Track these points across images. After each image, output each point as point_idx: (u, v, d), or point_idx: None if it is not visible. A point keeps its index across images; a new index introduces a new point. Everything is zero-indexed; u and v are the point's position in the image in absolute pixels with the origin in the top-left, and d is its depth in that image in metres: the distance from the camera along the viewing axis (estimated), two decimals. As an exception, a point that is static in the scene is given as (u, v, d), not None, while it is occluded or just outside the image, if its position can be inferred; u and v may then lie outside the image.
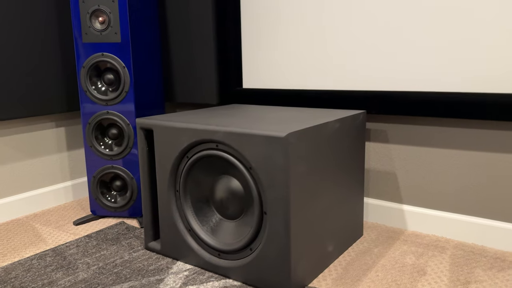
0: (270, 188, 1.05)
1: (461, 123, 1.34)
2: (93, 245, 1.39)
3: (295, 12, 1.54)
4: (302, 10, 1.53)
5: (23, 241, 1.45)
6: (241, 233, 1.16)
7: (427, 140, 1.41)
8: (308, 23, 1.52)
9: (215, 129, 1.12)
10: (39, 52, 1.65)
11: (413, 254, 1.29)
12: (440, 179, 1.40)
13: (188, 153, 1.20)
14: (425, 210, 1.44)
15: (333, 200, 1.22)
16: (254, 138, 1.05)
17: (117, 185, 1.62)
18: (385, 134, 1.48)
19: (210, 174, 1.20)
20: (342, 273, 1.19)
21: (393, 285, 1.12)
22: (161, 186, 1.27)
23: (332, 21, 1.47)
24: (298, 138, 1.04)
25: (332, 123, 1.18)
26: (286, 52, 1.59)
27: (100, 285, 1.14)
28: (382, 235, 1.43)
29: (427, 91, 1.34)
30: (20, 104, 1.61)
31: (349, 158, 1.29)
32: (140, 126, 1.29)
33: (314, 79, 1.54)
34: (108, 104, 1.53)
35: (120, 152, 1.56)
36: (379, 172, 1.51)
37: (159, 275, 1.19)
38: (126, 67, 1.50)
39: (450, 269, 1.20)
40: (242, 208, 1.17)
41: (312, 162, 1.10)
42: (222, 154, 1.12)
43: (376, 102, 1.41)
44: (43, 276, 1.20)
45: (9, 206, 1.65)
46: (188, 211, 1.23)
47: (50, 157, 1.79)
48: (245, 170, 1.09)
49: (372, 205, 1.53)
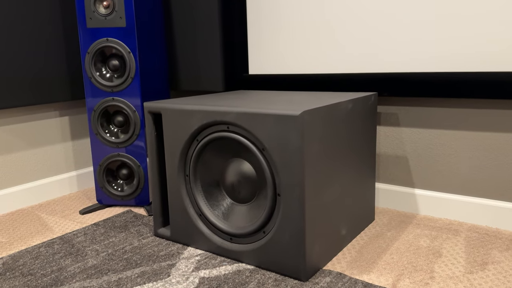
0: (284, 169, 1.02)
1: (473, 104, 1.32)
2: (101, 233, 1.37)
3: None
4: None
5: (29, 230, 1.43)
6: (254, 216, 1.14)
7: (438, 122, 1.38)
8: (315, 7, 1.50)
9: (226, 110, 1.09)
10: (42, 39, 1.62)
11: (427, 237, 1.27)
12: (452, 161, 1.38)
13: (198, 136, 1.18)
14: (437, 193, 1.42)
15: (345, 183, 1.20)
16: (267, 118, 1.03)
17: (123, 174, 1.60)
18: (396, 117, 1.46)
19: (221, 157, 1.18)
20: (357, 256, 1.17)
21: (409, 267, 1.10)
22: (171, 171, 1.25)
23: (339, 3, 1.44)
24: (313, 117, 1.02)
25: (345, 103, 1.16)
26: (294, 36, 1.57)
27: (111, 271, 1.12)
28: (394, 219, 1.41)
29: (440, 71, 1.31)
30: (23, 92, 1.58)
31: (362, 141, 1.27)
32: (148, 110, 1.27)
33: (322, 63, 1.52)
34: (113, 91, 1.51)
35: (126, 140, 1.54)
36: (389, 157, 1.49)
37: (170, 260, 1.17)
38: (132, 52, 1.47)
39: (466, 251, 1.18)
40: (254, 192, 1.15)
41: (326, 142, 1.08)
42: (234, 136, 1.10)
43: (388, 84, 1.39)
44: (52, 263, 1.17)
45: (14, 196, 1.63)
46: (199, 196, 1.21)
47: (55, 147, 1.76)
48: (257, 152, 1.07)
49: (383, 190, 1.51)
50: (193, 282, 1.05)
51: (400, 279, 1.05)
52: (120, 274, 1.10)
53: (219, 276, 1.08)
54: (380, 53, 1.40)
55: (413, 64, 1.36)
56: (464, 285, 1.01)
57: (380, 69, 1.41)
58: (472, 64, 1.27)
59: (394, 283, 1.03)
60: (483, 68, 1.25)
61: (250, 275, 1.08)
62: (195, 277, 1.07)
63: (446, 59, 1.30)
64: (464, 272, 1.07)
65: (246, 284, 1.04)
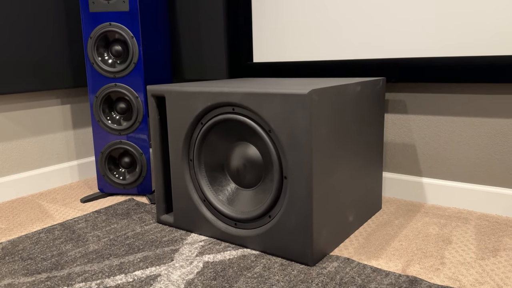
0: (291, 151, 1.00)
1: (483, 89, 1.29)
2: (103, 220, 1.34)
3: (309, -20, 1.49)
4: (316, -23, 1.48)
5: (30, 217, 1.40)
6: (259, 201, 1.11)
7: (447, 108, 1.36)
8: (322, -9, 1.47)
9: (231, 91, 1.07)
10: (45, 24, 1.60)
11: (436, 225, 1.24)
12: (461, 149, 1.35)
13: (203, 119, 1.15)
14: (445, 182, 1.39)
15: (353, 168, 1.18)
16: (274, 97, 1.00)
17: (125, 162, 1.57)
18: (403, 104, 1.43)
19: (226, 141, 1.16)
20: (364, 243, 1.14)
21: (418, 253, 1.07)
22: (174, 156, 1.22)
23: (348, -12, 1.42)
24: (321, 96, 0.99)
25: (353, 86, 1.13)
26: (299, 23, 1.54)
27: (112, 255, 1.10)
28: (402, 208, 1.38)
29: (449, 56, 1.29)
30: (25, 78, 1.56)
31: (369, 127, 1.24)
32: (151, 93, 1.24)
33: (329, 50, 1.49)
34: (115, 77, 1.48)
35: (129, 127, 1.51)
36: (397, 145, 1.46)
37: (174, 246, 1.14)
38: (135, 37, 1.45)
39: (476, 238, 1.15)
40: (260, 176, 1.12)
41: (334, 124, 1.05)
42: (239, 118, 1.07)
43: (396, 70, 1.36)
44: (52, 248, 1.15)
45: (14, 184, 1.60)
46: (203, 181, 1.18)
47: (56, 135, 1.74)
48: (264, 133, 1.04)
49: (389, 179, 1.48)
50: (197, 266, 1.02)
51: (409, 264, 1.02)
52: (122, 259, 1.07)
53: (223, 260, 1.05)
54: (388, 38, 1.37)
55: (421, 49, 1.33)
56: (476, 270, 0.98)
57: (388, 55, 1.39)
58: (482, 48, 1.24)
59: (403, 268, 1.00)
60: (494, 52, 1.22)
61: (255, 260, 1.05)
62: (199, 262, 1.05)
63: (456, 43, 1.27)
64: (476, 258, 1.04)
65: (252, 268, 1.01)
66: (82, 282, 0.97)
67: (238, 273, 0.99)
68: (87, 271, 1.02)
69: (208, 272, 1.00)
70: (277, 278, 0.96)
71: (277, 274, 0.98)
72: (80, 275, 1.00)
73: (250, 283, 0.94)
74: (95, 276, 0.99)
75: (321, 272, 0.99)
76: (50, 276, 1.00)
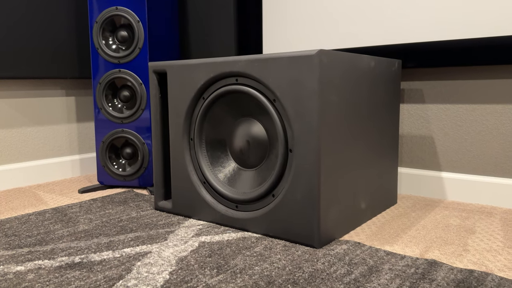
0: (297, 120, 0.92)
1: (506, 72, 1.20)
2: (98, 206, 1.26)
3: (321, -32, 1.45)
4: (328, -35, 1.43)
5: (23, 203, 1.33)
6: (262, 180, 1.02)
7: (467, 96, 1.27)
8: (335, -22, 1.42)
9: (235, 59, 1.00)
10: (53, 10, 1.57)
11: (457, 218, 1.13)
12: (483, 139, 1.25)
13: (205, 94, 1.08)
14: (467, 176, 1.28)
15: (366, 151, 1.08)
16: (279, 61, 0.93)
17: (127, 153, 1.50)
18: (420, 93, 1.34)
19: (228, 117, 1.08)
20: (377, 231, 1.04)
21: (438, 241, 0.96)
22: (174, 135, 1.15)
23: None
24: (331, 60, 0.92)
25: (367, 59, 1.05)
26: (312, 10, 1.48)
27: (102, 235, 1.01)
28: (419, 203, 1.28)
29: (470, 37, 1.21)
30: (30, 63, 1.53)
31: (384, 113, 1.15)
32: (153, 69, 1.18)
33: (343, 38, 1.43)
34: (120, 62, 1.44)
35: (131, 115, 1.45)
36: (414, 137, 1.36)
37: (169, 228, 1.05)
38: (141, 21, 1.41)
39: (503, 229, 1.04)
40: (263, 155, 1.04)
41: (345, 95, 0.97)
42: (243, 88, 1.00)
43: (413, 55, 1.28)
44: (39, 228, 1.07)
45: (11, 173, 1.54)
46: (203, 161, 1.10)
47: (58, 127, 1.69)
48: (268, 103, 0.97)
49: (405, 175, 1.38)
50: (192, 245, 0.93)
51: (428, 250, 0.91)
52: (112, 238, 0.99)
53: (221, 241, 0.96)
54: (403, 22, 1.31)
55: (440, 31, 1.25)
56: (504, 257, 0.87)
57: (405, 39, 1.31)
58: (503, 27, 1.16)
59: (421, 253, 0.89)
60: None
61: (256, 241, 0.95)
62: (195, 241, 0.95)
63: (476, 24, 1.20)
64: (504, 247, 0.93)
65: (252, 248, 0.91)
66: (65, 257, 0.88)
67: (236, 252, 0.89)
68: (73, 247, 0.93)
69: (204, 250, 0.90)
70: (278, 257, 0.87)
71: (279, 254, 0.88)
72: (64, 250, 0.92)
73: (248, 261, 0.84)
74: (80, 252, 0.91)
75: (328, 253, 0.89)
76: (32, 251, 0.92)
